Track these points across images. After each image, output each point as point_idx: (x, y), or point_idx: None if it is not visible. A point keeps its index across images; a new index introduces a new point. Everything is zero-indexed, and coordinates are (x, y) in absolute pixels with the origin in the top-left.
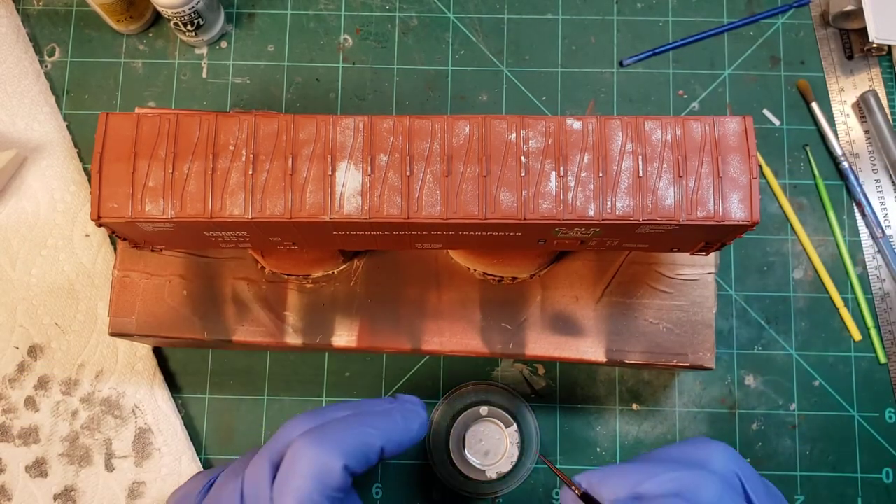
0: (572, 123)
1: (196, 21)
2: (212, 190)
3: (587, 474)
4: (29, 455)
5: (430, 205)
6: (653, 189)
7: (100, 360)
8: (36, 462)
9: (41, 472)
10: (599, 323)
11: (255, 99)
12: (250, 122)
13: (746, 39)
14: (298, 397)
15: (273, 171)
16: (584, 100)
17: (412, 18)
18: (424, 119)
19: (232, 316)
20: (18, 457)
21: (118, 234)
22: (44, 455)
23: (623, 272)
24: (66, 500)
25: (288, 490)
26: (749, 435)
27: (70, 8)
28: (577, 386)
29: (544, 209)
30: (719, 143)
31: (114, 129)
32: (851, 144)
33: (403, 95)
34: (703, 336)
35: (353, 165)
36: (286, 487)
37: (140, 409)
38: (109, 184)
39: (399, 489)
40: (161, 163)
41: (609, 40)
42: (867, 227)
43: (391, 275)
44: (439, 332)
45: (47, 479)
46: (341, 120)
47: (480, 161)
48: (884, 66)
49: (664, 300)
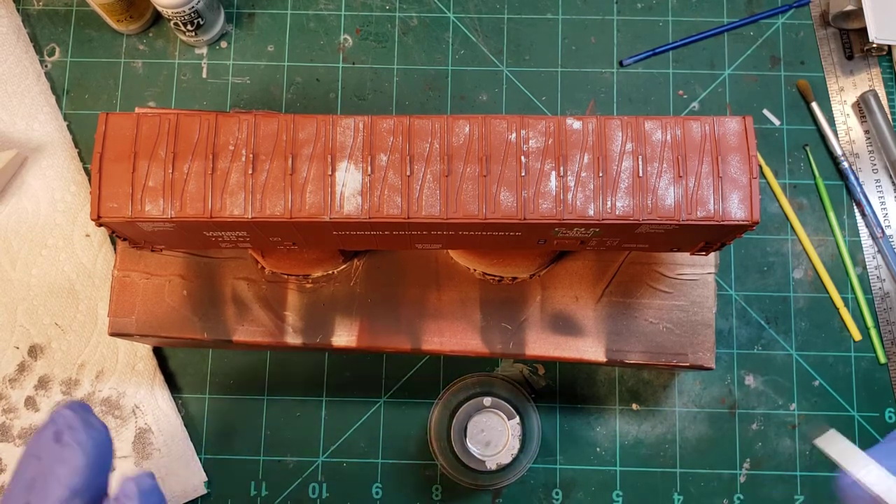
0: (572, 123)
1: (196, 21)
2: (212, 190)
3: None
4: None
5: (429, 205)
6: (653, 189)
7: (100, 360)
8: None
9: None
10: (599, 323)
11: (255, 99)
12: (250, 122)
13: (746, 39)
14: (298, 397)
15: (273, 171)
16: (584, 100)
17: (412, 18)
18: (424, 119)
19: (232, 316)
20: (19, 457)
21: (118, 233)
22: None
23: (623, 272)
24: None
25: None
26: (749, 435)
27: (70, 8)
28: (577, 386)
29: (544, 209)
30: (719, 143)
31: (114, 129)
32: (851, 144)
33: (403, 95)
34: (703, 336)
35: (353, 165)
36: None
37: (140, 410)
38: (109, 184)
39: (399, 489)
40: (161, 163)
41: (609, 40)
42: (867, 227)
43: (391, 275)
44: (439, 332)
45: None
46: (341, 120)
47: (480, 161)
48: (884, 66)
49: (664, 300)
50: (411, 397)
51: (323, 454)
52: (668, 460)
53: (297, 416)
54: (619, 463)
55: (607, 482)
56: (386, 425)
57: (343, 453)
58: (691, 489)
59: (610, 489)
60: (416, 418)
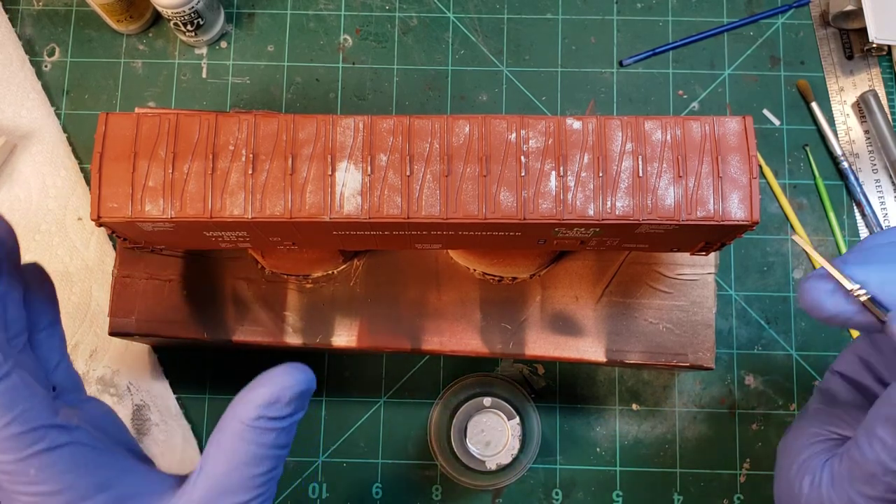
0: (572, 123)
1: (196, 21)
2: (212, 190)
3: (861, 272)
4: None
5: (429, 205)
6: (653, 189)
7: (93, 340)
8: None
9: None
10: (599, 323)
11: (254, 99)
12: (250, 122)
13: (746, 39)
14: None
15: (273, 171)
16: (584, 100)
17: (412, 18)
18: (424, 119)
19: (232, 316)
20: None
21: (118, 233)
22: None
23: (623, 272)
24: None
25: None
26: (749, 435)
27: (70, 8)
28: (577, 386)
29: (544, 209)
30: (719, 143)
31: (114, 129)
32: (851, 144)
33: (403, 95)
34: (702, 336)
35: (353, 165)
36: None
37: (135, 386)
38: (109, 184)
39: (399, 489)
40: (161, 163)
41: (609, 40)
42: (867, 227)
43: (391, 274)
44: (439, 332)
45: None
46: (341, 120)
47: (480, 161)
48: (884, 66)
49: (664, 300)
50: (411, 397)
51: (323, 454)
52: (668, 460)
53: None
54: (619, 463)
55: (607, 482)
56: (386, 425)
57: (343, 453)
58: (691, 489)
59: (610, 489)
60: (416, 418)
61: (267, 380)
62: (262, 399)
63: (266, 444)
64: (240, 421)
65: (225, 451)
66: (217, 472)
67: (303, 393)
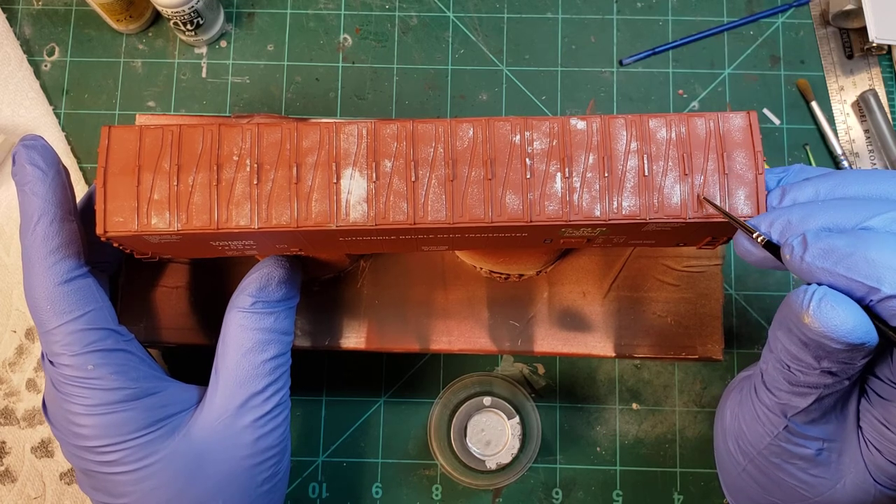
0: (576, 123)
1: (196, 20)
2: (217, 201)
3: (771, 216)
4: (35, 436)
5: (435, 210)
6: (659, 187)
7: None
8: (42, 443)
9: (47, 452)
10: (607, 317)
11: (254, 98)
12: (253, 132)
13: (746, 39)
14: (297, 397)
15: (278, 180)
16: (585, 99)
17: (412, 18)
18: (427, 123)
19: None
20: (24, 439)
21: (124, 246)
22: (50, 435)
23: (629, 266)
24: (73, 478)
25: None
26: None
27: (70, 7)
28: (577, 385)
29: (550, 211)
30: (724, 139)
31: (117, 142)
32: (851, 144)
33: (403, 95)
34: (710, 328)
35: (358, 172)
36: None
37: None
38: (114, 198)
39: (399, 489)
40: (165, 175)
41: (609, 40)
42: None
43: (397, 275)
44: (447, 332)
45: (54, 458)
46: (344, 126)
47: (485, 164)
48: (884, 65)
49: (671, 293)
50: (411, 397)
51: (323, 454)
52: (669, 460)
53: (296, 415)
54: (619, 462)
55: (607, 482)
56: (386, 425)
57: (343, 453)
58: (691, 489)
59: (610, 489)
60: (416, 418)
61: (254, 271)
62: (252, 286)
63: (266, 328)
64: (238, 309)
65: (231, 344)
66: (228, 365)
67: (290, 277)
